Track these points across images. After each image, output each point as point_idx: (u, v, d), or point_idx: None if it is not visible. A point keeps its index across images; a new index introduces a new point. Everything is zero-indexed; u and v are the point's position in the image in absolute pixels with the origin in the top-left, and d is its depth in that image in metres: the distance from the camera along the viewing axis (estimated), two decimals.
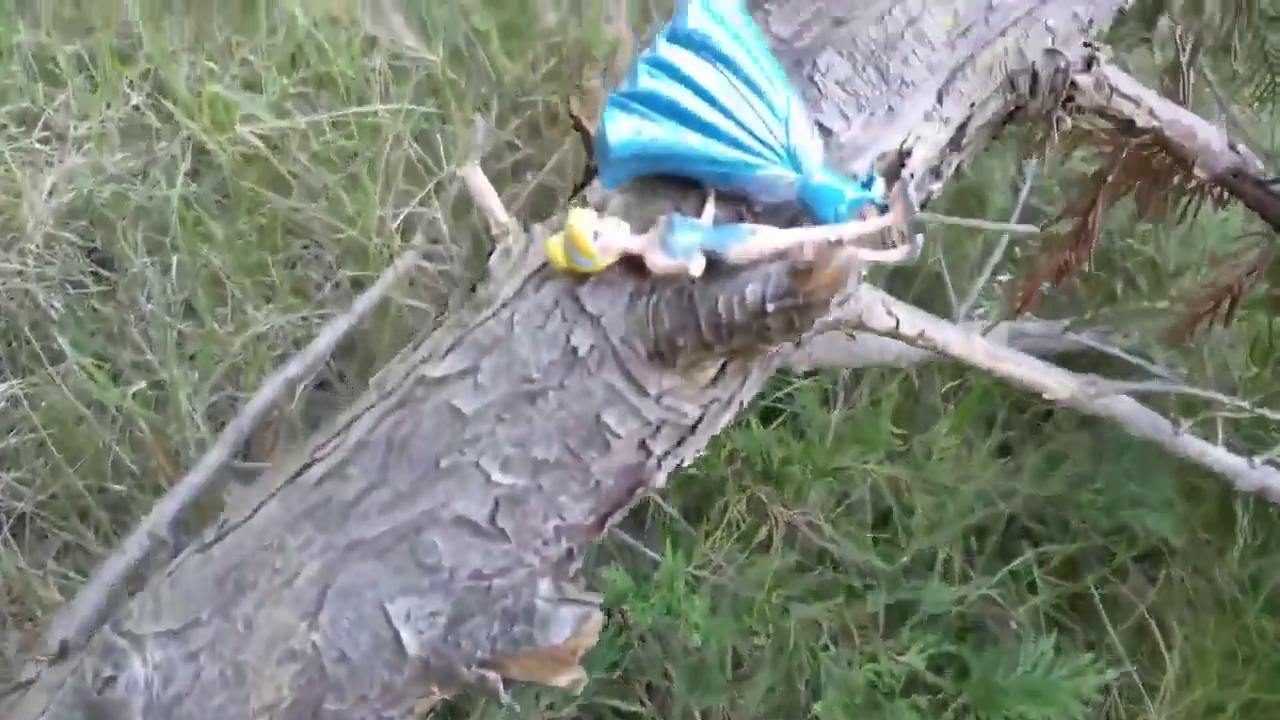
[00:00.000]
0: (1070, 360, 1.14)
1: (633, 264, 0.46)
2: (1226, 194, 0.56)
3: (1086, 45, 0.50)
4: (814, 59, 0.46)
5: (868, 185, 0.45)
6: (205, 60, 1.42)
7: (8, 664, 1.00)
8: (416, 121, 1.32)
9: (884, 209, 0.46)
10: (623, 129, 0.43)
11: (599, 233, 0.44)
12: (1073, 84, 0.50)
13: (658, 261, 0.44)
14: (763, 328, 0.43)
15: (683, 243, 0.44)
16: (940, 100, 0.47)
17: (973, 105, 0.49)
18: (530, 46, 1.33)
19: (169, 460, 1.19)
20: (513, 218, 0.52)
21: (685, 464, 0.53)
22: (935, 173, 0.51)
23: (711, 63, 0.42)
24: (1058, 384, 0.63)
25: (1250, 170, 0.53)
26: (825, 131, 0.46)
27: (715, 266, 0.45)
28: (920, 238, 0.43)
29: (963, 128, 0.49)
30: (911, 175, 0.47)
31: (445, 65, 1.32)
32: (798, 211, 0.47)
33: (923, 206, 0.55)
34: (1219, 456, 0.72)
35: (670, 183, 0.47)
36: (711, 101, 0.42)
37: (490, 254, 0.51)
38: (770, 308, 0.42)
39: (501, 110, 1.36)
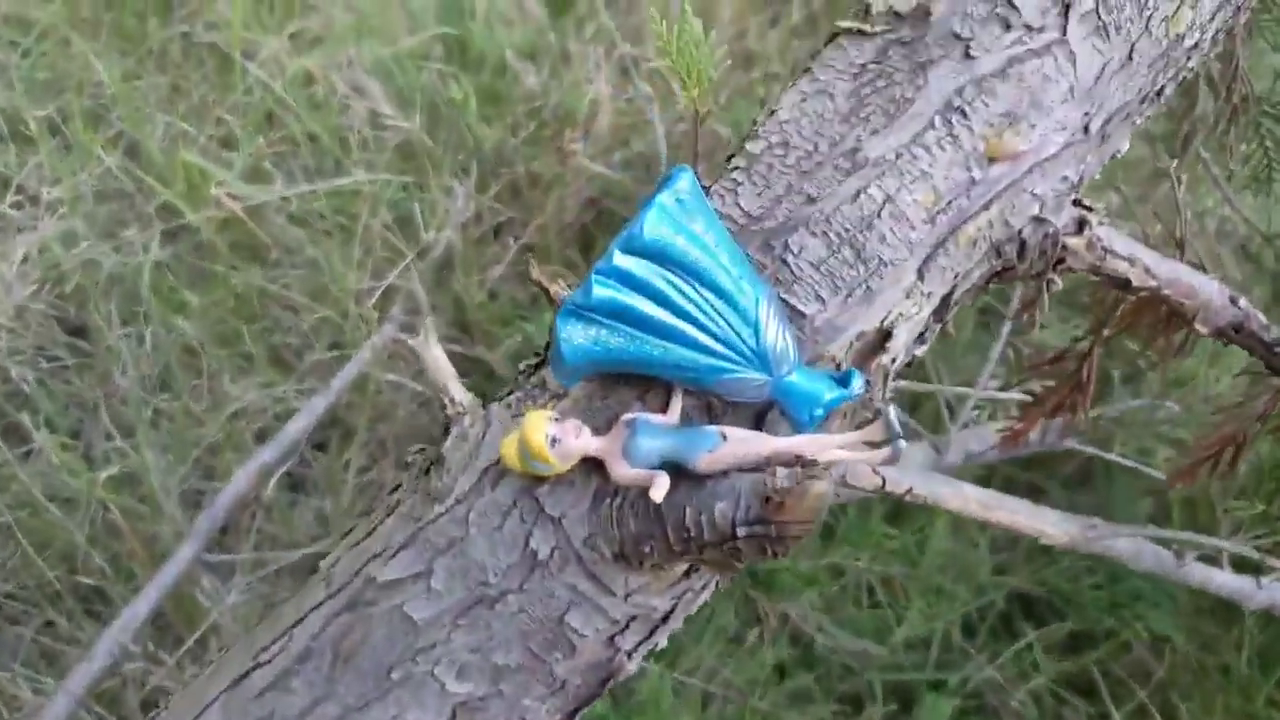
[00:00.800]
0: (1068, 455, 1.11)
1: (596, 461, 0.43)
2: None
3: (1077, 204, 0.47)
4: (785, 239, 0.43)
5: (844, 381, 0.42)
6: (180, 120, 1.38)
7: None
8: (394, 190, 1.29)
9: (868, 383, 0.43)
10: (578, 338, 0.40)
11: (556, 439, 0.41)
12: (1063, 247, 0.47)
13: (620, 472, 0.41)
14: (734, 549, 0.40)
15: (646, 448, 0.41)
16: (921, 277, 0.44)
17: (956, 277, 0.45)
18: (509, 111, 1.30)
19: (143, 547, 1.16)
20: (471, 395, 0.49)
21: (660, 647, 0.50)
22: (920, 338, 0.48)
23: (671, 269, 0.39)
24: (1056, 529, 0.60)
25: (1253, 326, 0.50)
26: (799, 315, 0.43)
27: (684, 469, 0.42)
28: (902, 443, 0.40)
29: (946, 298, 0.46)
30: (894, 360, 0.44)
31: (423, 131, 1.29)
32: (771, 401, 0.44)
33: (909, 366, 0.52)
34: (1224, 581, 0.69)
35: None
36: (672, 308, 0.39)
37: (446, 432, 0.48)
38: (741, 532, 0.39)
39: (481, 174, 1.33)
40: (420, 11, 1.30)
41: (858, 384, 0.41)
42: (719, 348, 0.40)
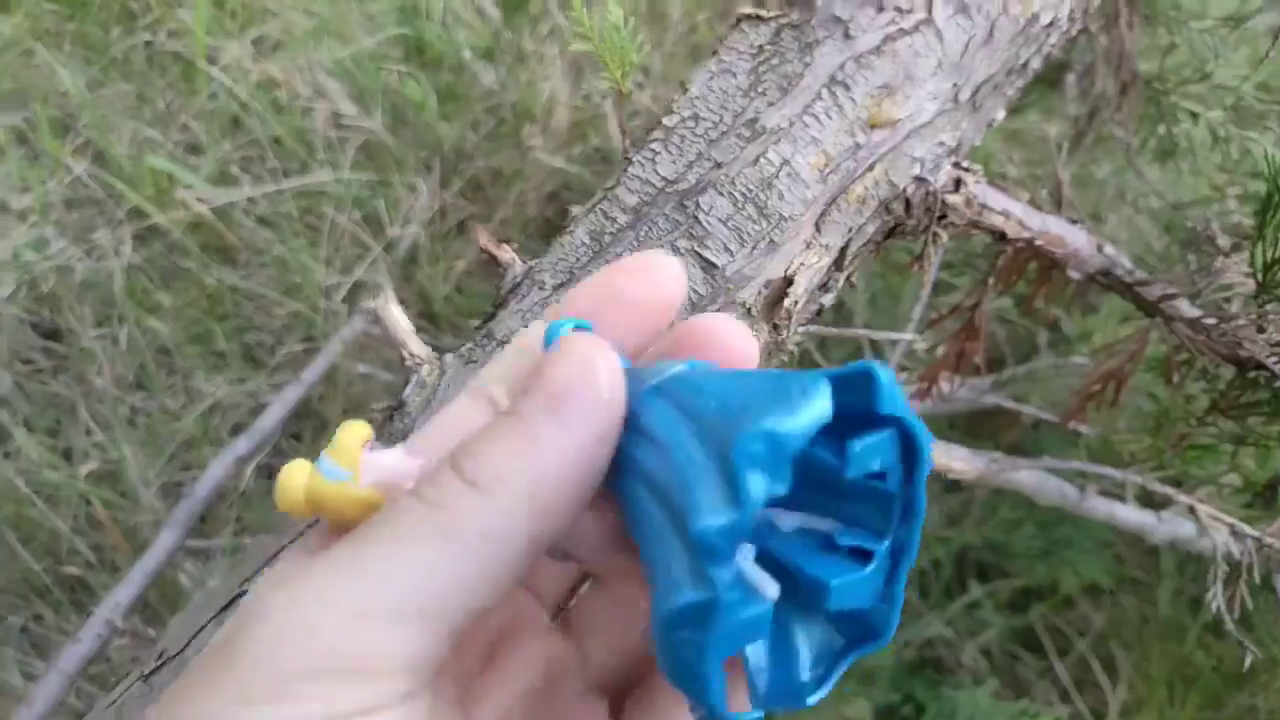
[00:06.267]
0: (994, 414, 1.18)
1: None
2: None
3: (956, 166, 0.54)
4: (697, 199, 0.49)
5: None
6: (145, 127, 1.43)
7: None
8: (359, 188, 1.34)
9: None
10: None
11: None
12: (944, 203, 0.53)
13: None
14: None
15: None
16: (818, 230, 0.50)
17: (850, 230, 0.51)
18: (468, 109, 1.35)
19: (124, 539, 1.20)
20: (427, 348, 0.54)
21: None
22: (824, 287, 0.54)
23: None
24: (963, 464, 0.66)
25: (1118, 271, 0.56)
26: (711, 265, 0.49)
27: None
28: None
29: (844, 250, 0.52)
30: (796, 303, 0.50)
31: (387, 130, 1.34)
32: None
33: (818, 313, 0.58)
34: (1127, 515, 0.75)
35: None
36: None
37: (408, 383, 0.53)
38: None
39: (444, 171, 1.38)
40: (378, 14, 1.35)
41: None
42: None
